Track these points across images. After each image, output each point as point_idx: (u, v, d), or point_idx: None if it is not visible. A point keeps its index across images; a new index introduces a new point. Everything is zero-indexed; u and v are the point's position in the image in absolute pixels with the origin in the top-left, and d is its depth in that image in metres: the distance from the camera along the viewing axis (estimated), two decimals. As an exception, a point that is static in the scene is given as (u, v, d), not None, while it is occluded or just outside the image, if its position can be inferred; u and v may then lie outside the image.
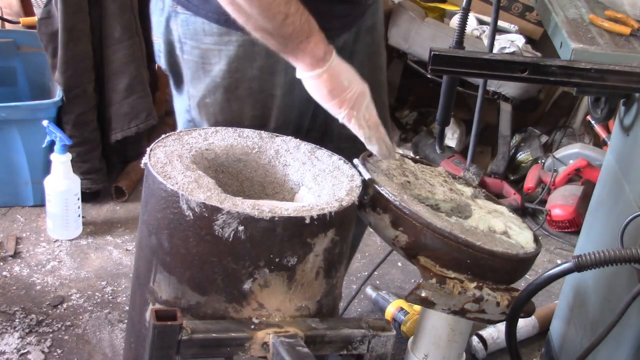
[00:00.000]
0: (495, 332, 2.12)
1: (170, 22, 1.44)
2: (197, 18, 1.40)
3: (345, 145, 1.61)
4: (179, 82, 1.53)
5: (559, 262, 2.39)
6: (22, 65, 2.79)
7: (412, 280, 2.41)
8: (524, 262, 1.33)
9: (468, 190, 1.53)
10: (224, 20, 1.35)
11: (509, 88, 2.91)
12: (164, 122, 3.04)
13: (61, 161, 2.36)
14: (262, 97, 1.46)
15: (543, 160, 3.00)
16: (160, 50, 1.51)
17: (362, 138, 1.34)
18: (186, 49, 1.44)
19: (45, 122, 2.37)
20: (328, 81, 1.29)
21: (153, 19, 1.50)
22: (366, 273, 2.38)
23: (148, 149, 1.26)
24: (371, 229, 1.39)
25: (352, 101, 1.30)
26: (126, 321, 1.71)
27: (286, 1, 1.22)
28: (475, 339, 2.11)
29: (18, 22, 2.94)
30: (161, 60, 1.53)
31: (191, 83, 1.48)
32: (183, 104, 1.53)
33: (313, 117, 1.59)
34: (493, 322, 1.35)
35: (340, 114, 1.31)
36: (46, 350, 1.97)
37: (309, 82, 1.31)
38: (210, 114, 1.48)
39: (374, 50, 1.65)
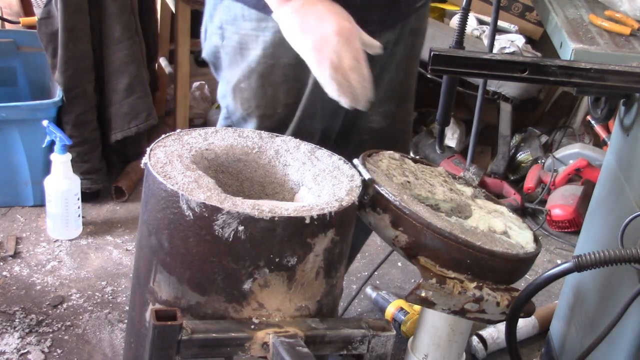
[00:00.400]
0: (495, 332, 2.12)
1: (215, 10, 1.47)
2: (237, 3, 1.42)
3: (367, 137, 1.62)
4: (218, 70, 1.55)
5: (559, 262, 2.39)
6: (22, 65, 2.79)
7: (412, 280, 2.41)
8: (524, 262, 1.33)
9: (468, 190, 1.53)
10: (262, 6, 1.36)
11: (509, 88, 2.91)
12: (164, 122, 3.04)
13: (61, 161, 2.36)
14: (297, 86, 1.47)
15: (543, 160, 3.00)
16: (204, 38, 1.54)
17: (319, 80, 1.29)
18: (226, 35, 1.46)
19: (45, 122, 2.37)
20: (292, 22, 1.26)
21: (205, 9, 1.54)
22: (366, 273, 2.38)
23: (148, 149, 1.26)
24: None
25: (315, 41, 1.25)
26: (126, 321, 1.71)
27: None
28: (475, 339, 2.11)
29: (18, 22, 2.94)
30: (203, 46, 1.56)
31: (229, 68, 1.50)
32: (222, 90, 1.55)
33: (345, 115, 1.60)
34: (493, 322, 1.35)
35: (302, 54, 1.27)
36: (46, 350, 1.97)
37: (278, 22, 1.29)
38: (245, 99, 1.49)
39: (413, 54, 1.65)
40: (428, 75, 2.88)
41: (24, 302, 2.13)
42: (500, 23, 2.98)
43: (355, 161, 1.37)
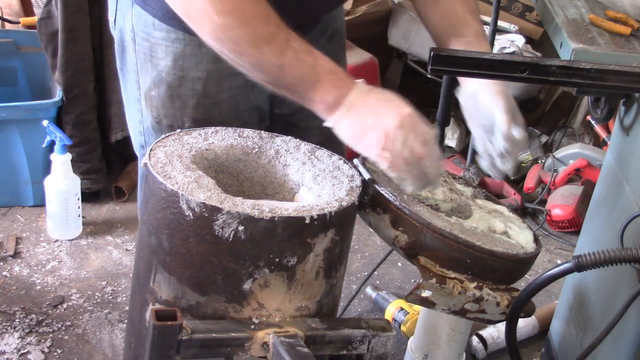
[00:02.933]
0: (495, 332, 2.12)
1: (127, 12, 1.43)
2: (146, 12, 1.39)
3: (314, 138, 1.60)
4: (124, 68, 1.50)
5: (559, 262, 2.39)
6: (22, 65, 2.80)
7: (412, 280, 2.41)
8: (524, 262, 1.33)
9: (468, 190, 1.52)
10: (169, 18, 1.34)
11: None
12: (164, 122, 3.04)
13: (61, 161, 2.36)
14: (207, 103, 1.43)
15: (543, 160, 3.00)
16: (113, 24, 1.50)
17: (393, 178, 1.25)
18: (137, 40, 1.43)
19: (45, 122, 2.37)
20: (348, 126, 1.19)
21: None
22: (366, 273, 2.38)
23: (148, 149, 1.26)
24: (371, 229, 1.39)
25: (379, 139, 1.19)
26: (126, 321, 1.71)
27: (279, 52, 1.17)
28: (475, 339, 2.11)
29: (18, 22, 2.94)
30: (112, 31, 1.51)
31: (141, 73, 1.46)
32: (133, 91, 1.50)
33: (272, 115, 1.56)
34: (493, 322, 1.35)
35: (371, 157, 1.22)
36: (46, 350, 1.97)
37: (335, 131, 1.22)
38: (154, 107, 1.46)
39: (334, 58, 1.63)
40: (428, 75, 2.89)
41: (24, 302, 2.13)
42: (500, 23, 2.98)
43: (355, 161, 1.37)
